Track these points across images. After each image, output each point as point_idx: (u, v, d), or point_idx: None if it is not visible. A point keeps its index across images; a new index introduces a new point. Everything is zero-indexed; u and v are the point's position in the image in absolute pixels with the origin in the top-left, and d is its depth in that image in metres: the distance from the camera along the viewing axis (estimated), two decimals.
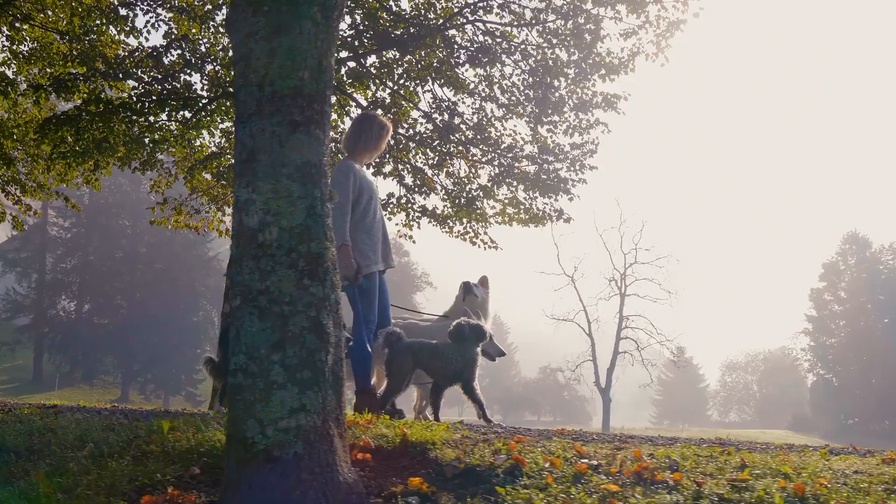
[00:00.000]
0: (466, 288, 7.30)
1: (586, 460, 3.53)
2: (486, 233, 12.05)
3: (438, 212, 12.06)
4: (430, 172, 12.15)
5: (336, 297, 3.41)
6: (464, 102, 11.87)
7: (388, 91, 11.55)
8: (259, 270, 3.24)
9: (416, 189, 11.82)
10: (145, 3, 11.18)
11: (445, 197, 11.83)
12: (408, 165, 12.11)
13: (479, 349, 5.92)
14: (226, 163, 11.95)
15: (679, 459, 3.57)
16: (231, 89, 11.51)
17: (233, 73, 10.08)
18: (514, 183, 11.59)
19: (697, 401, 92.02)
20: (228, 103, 11.64)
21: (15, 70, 12.12)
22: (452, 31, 11.27)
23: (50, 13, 11.66)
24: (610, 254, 47.64)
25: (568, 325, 45.25)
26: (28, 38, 11.90)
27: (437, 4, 11.13)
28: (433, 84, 11.31)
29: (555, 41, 10.70)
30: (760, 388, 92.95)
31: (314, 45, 3.38)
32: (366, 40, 11.07)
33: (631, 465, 3.39)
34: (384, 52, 11.28)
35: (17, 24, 11.72)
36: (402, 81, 11.55)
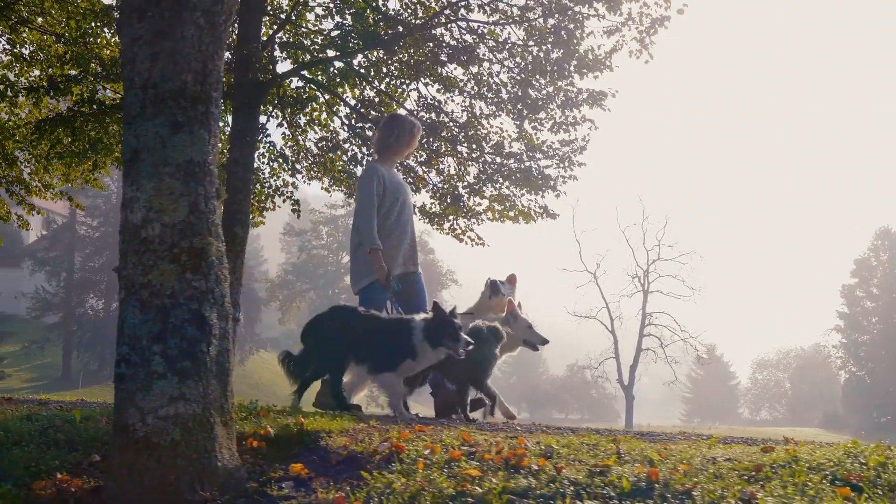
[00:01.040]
0: (493, 286, 7.24)
1: (468, 448, 3.63)
2: (472, 229, 12.15)
3: (427, 209, 12.17)
4: (420, 170, 12.27)
5: (222, 291, 3.54)
6: (452, 100, 11.99)
7: (374, 90, 11.68)
8: (142, 265, 3.38)
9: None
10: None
11: (434, 195, 11.94)
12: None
13: (496, 350, 5.93)
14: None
15: (557, 447, 3.66)
16: (224, 89, 11.73)
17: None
18: (500, 180, 11.67)
19: (728, 398, 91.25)
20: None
21: (17, 73, 12.42)
22: (440, 30, 11.39)
23: (48, 16, 11.94)
24: (633, 250, 47.44)
25: (590, 322, 45.15)
26: (28, 42, 12.20)
27: (423, 4, 11.24)
28: (418, 83, 11.42)
29: (536, 38, 10.76)
30: (793, 385, 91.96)
31: (198, 48, 3.51)
32: (352, 40, 11.21)
33: (504, 452, 3.48)
34: (371, 52, 11.41)
35: (18, 27, 12.02)
36: (389, 80, 11.68)
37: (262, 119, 12.41)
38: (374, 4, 11.25)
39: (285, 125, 12.23)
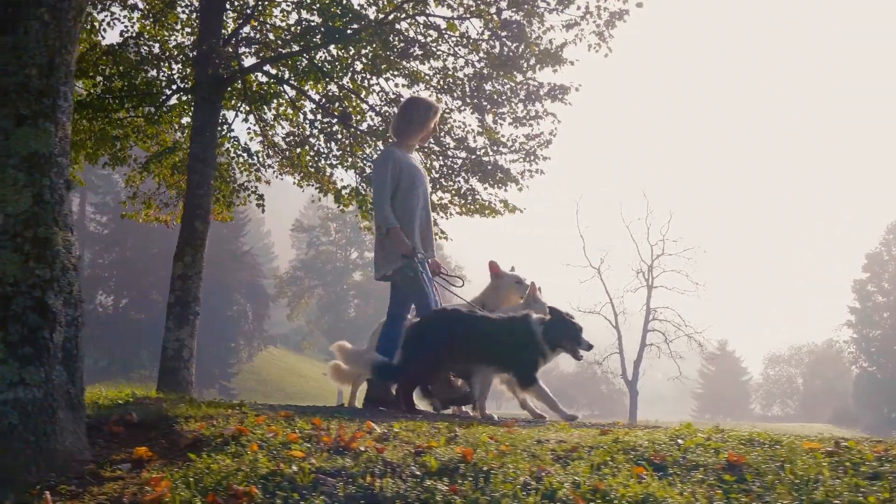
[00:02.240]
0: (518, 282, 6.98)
1: (310, 432, 3.72)
2: (436, 223, 12.22)
3: None
4: None
5: (69, 280, 3.65)
6: (419, 95, 12.05)
7: (336, 85, 11.76)
8: None
9: (367, 181, 12.03)
10: (102, 3, 11.56)
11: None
12: (363, 159, 12.32)
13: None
14: (183, 158, 12.26)
15: (398, 430, 3.75)
16: (188, 85, 11.87)
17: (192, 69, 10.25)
18: (464, 174, 11.75)
19: (740, 394, 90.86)
20: (185, 98, 12.00)
21: None
22: (404, 24, 11.46)
23: None
24: (637, 245, 47.29)
25: (594, 317, 45.09)
26: None
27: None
28: (379, 78, 11.49)
29: (491, 31, 10.82)
30: (805, 381, 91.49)
31: (43, 43, 3.62)
32: (314, 35, 11.28)
33: (342, 436, 3.57)
34: (334, 47, 11.49)
35: None
36: (353, 76, 11.75)
37: (231, 115, 12.54)
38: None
39: (251, 121, 12.34)
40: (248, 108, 12.23)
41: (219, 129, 11.94)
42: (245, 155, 12.39)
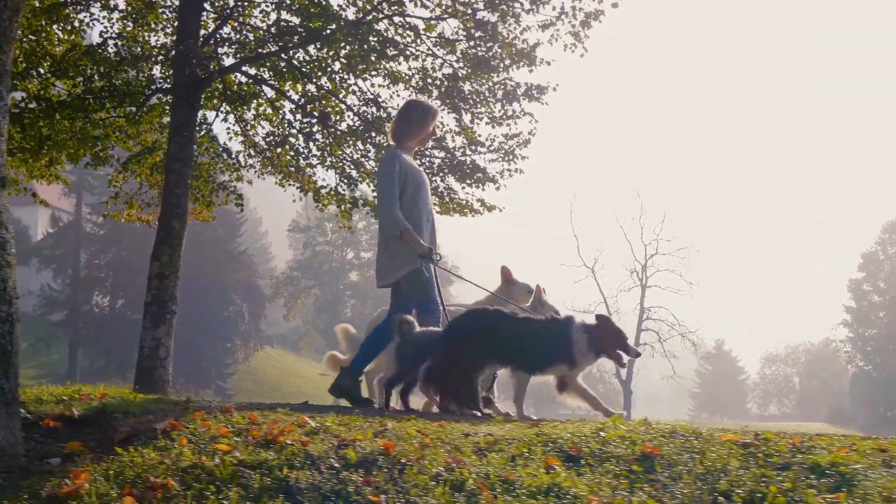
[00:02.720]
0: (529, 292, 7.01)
1: (244, 426, 3.77)
2: None
3: (369, 202, 12.30)
4: (370, 164, 12.38)
5: (3, 276, 3.70)
6: (398, 95, 12.10)
7: (315, 86, 11.81)
8: None
9: (346, 181, 12.08)
10: (80, 4, 11.61)
11: (374, 188, 12.07)
12: (345, 160, 12.35)
13: None
14: (164, 158, 12.29)
15: (330, 424, 3.80)
16: (168, 85, 11.91)
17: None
18: (441, 174, 11.80)
19: (736, 393, 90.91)
20: (165, 98, 12.04)
21: None
22: (384, 24, 11.50)
23: None
24: (630, 245, 47.36)
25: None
26: None
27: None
28: (357, 79, 11.53)
29: (465, 32, 10.87)
30: (802, 380, 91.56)
31: None
32: (292, 35, 11.32)
33: (272, 430, 3.62)
34: (312, 47, 11.53)
35: None
36: (330, 76, 11.79)
37: (211, 115, 12.59)
38: (316, 0, 11.37)
39: (231, 120, 12.38)
40: (227, 109, 12.27)
41: (198, 129, 12.00)
42: (224, 155, 12.43)
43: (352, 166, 12.36)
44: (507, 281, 7.00)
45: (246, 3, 11.87)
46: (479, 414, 5.33)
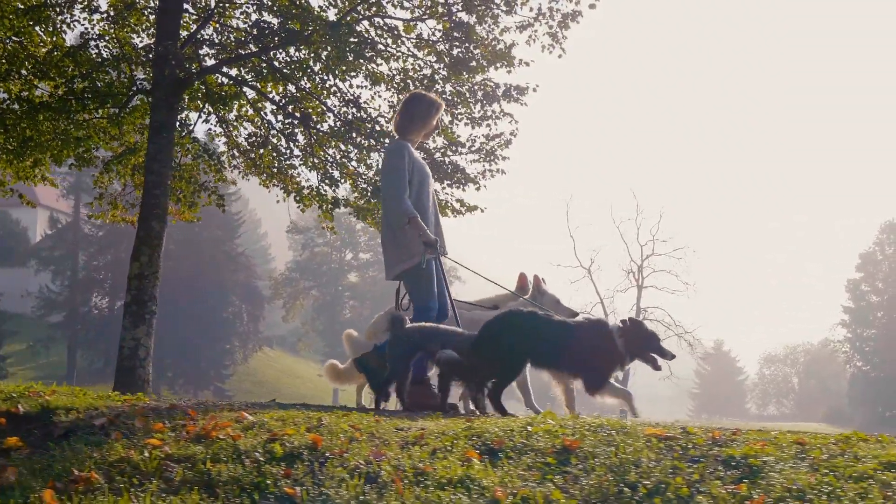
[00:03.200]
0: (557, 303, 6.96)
1: (181, 422, 3.83)
2: None
3: (352, 202, 12.37)
4: (352, 165, 12.45)
5: None
6: (380, 96, 12.16)
7: (295, 87, 11.88)
8: None
9: (327, 181, 12.14)
10: (61, 6, 11.67)
11: (353, 188, 12.15)
12: (328, 161, 12.42)
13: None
14: (140, 159, 12.36)
15: (268, 420, 3.85)
16: (148, 86, 11.97)
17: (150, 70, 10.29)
18: None
19: (736, 394, 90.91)
20: (147, 99, 12.11)
21: None
22: (365, 26, 11.56)
23: None
24: (627, 245, 47.35)
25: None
26: None
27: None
28: (336, 79, 11.59)
29: (441, 33, 10.94)
30: (801, 380, 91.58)
31: None
32: (272, 36, 11.38)
33: (206, 426, 3.68)
34: (292, 48, 11.60)
35: None
36: (310, 77, 11.85)
37: (194, 116, 12.67)
38: (297, 1, 11.44)
39: (212, 121, 12.45)
40: (209, 110, 12.34)
41: (181, 129, 12.08)
42: (206, 156, 12.49)
43: (335, 167, 12.41)
44: (537, 289, 6.89)
45: (227, 5, 11.93)
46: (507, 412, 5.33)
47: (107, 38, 11.90)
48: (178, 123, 11.80)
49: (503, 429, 3.57)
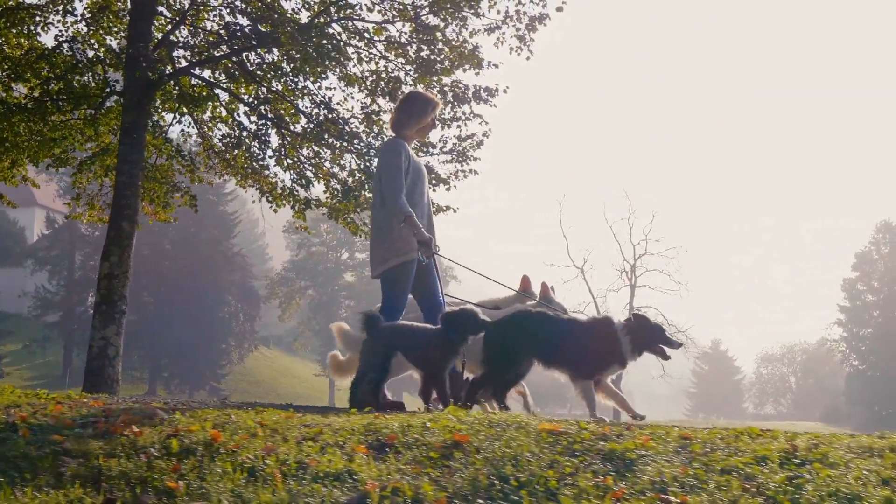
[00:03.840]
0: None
1: (92, 419, 3.90)
2: (367, 223, 12.39)
3: (323, 202, 12.44)
4: (326, 166, 12.51)
5: None
6: (352, 97, 12.22)
7: (266, 88, 11.95)
8: None
9: (301, 182, 12.21)
10: (37, 8, 11.76)
11: (326, 188, 12.21)
12: (303, 162, 12.48)
13: (466, 339, 5.50)
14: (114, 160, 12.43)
15: (179, 417, 3.93)
16: (120, 88, 12.06)
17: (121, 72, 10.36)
18: None
19: (733, 393, 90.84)
20: (121, 101, 12.18)
21: None
22: (337, 28, 11.63)
23: None
24: (619, 245, 47.43)
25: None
26: None
27: (307, 3, 11.50)
28: (305, 80, 11.66)
29: (406, 36, 11.02)
30: (798, 379, 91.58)
31: None
32: (242, 38, 11.45)
33: (114, 423, 3.75)
34: (264, 50, 11.67)
35: None
36: (283, 78, 11.92)
37: (168, 117, 12.74)
38: (267, 3, 11.52)
39: (186, 122, 12.53)
40: (183, 111, 12.41)
41: (153, 131, 12.15)
42: (179, 157, 12.57)
43: (310, 168, 12.48)
44: (544, 295, 6.90)
45: (200, 7, 12.00)
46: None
47: (80, 40, 11.98)
48: (151, 125, 11.88)
49: (403, 424, 3.63)
